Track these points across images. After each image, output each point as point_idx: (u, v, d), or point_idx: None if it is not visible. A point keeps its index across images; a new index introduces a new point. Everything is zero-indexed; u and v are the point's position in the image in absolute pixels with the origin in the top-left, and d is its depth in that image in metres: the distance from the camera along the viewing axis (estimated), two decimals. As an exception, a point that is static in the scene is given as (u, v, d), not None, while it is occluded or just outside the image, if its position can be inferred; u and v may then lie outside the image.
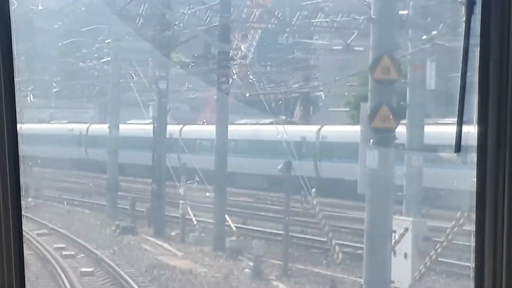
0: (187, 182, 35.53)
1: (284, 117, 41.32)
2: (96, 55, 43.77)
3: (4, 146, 4.24)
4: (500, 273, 4.22)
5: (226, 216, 32.20)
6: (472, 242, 4.61)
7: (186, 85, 44.58)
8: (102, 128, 45.12)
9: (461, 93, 4.30)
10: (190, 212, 34.09)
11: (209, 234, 32.50)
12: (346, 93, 39.50)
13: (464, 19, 4.29)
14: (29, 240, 30.14)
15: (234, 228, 31.93)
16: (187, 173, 35.76)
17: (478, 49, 4.24)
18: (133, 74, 41.43)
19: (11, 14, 4.25)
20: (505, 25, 4.16)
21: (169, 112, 37.56)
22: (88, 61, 45.06)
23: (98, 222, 37.10)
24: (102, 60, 42.43)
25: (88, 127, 52.13)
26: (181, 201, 34.42)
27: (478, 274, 4.29)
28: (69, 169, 50.71)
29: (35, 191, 41.01)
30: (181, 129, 44.53)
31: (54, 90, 49.92)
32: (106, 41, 41.28)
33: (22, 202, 4.45)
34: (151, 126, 38.08)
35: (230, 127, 34.06)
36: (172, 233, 34.64)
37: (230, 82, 34.79)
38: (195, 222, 33.71)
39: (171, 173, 35.92)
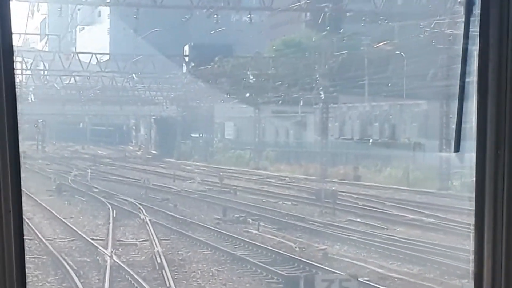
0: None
1: None
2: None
3: (5, 147, 3.66)
4: (499, 272, 3.82)
5: None
6: (471, 241, 3.88)
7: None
8: None
9: (460, 94, 3.89)
10: None
11: None
12: None
13: (463, 19, 3.89)
14: None
15: None
16: None
17: (477, 49, 3.83)
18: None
19: (11, 14, 3.66)
20: (504, 25, 3.80)
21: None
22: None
23: None
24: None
25: None
26: None
27: (477, 274, 3.88)
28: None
29: None
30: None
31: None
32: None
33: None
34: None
35: None
36: None
37: None
38: None
39: None
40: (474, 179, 3.79)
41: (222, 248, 23.23)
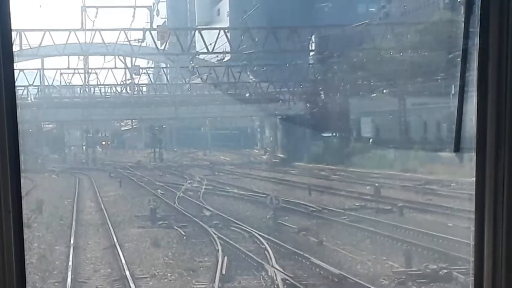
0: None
1: None
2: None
3: (5, 147, 3.58)
4: (499, 271, 3.68)
5: None
6: (471, 241, 3.73)
7: None
8: None
9: (460, 93, 3.74)
10: None
11: None
12: None
13: (463, 19, 3.77)
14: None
15: None
16: None
17: (477, 49, 3.71)
18: None
19: (10, 13, 3.58)
20: (503, 25, 3.67)
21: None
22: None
23: None
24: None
25: None
26: None
27: (477, 273, 3.73)
28: None
29: None
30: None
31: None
32: None
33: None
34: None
35: None
36: None
37: None
38: None
39: None
40: (474, 179, 3.64)
41: None
